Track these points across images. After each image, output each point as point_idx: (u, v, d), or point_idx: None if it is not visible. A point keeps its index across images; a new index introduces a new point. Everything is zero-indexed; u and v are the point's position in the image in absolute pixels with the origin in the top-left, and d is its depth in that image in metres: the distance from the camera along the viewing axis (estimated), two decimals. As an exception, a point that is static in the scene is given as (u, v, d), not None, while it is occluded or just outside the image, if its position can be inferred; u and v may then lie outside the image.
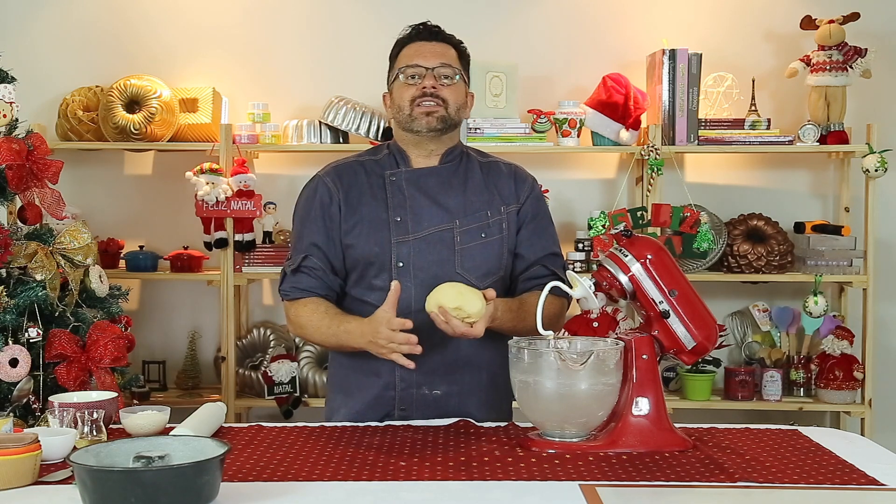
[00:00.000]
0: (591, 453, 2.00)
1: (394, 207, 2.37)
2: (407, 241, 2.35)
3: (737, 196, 3.98)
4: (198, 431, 2.05)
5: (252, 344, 3.89)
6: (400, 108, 2.39)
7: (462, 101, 2.41)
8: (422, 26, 2.46)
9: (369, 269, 2.37)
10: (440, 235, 2.36)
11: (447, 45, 2.43)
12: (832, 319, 3.80)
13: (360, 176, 2.42)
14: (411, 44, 2.43)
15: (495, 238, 2.39)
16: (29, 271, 2.97)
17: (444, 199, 2.39)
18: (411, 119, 2.37)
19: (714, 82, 3.84)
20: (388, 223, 2.36)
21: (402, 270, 2.34)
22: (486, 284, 2.34)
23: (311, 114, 3.87)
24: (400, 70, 2.39)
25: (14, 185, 2.99)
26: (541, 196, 2.51)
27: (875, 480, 1.84)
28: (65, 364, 2.93)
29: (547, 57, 3.96)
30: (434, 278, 2.30)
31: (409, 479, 1.84)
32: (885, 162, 3.65)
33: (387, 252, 2.34)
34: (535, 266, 2.45)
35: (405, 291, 2.31)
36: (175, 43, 3.97)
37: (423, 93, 2.35)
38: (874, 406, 3.75)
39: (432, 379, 2.36)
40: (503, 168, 2.48)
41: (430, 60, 2.38)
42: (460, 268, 2.36)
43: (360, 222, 2.38)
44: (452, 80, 2.39)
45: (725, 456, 2.00)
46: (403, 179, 2.40)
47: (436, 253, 2.35)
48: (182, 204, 3.88)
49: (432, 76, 2.36)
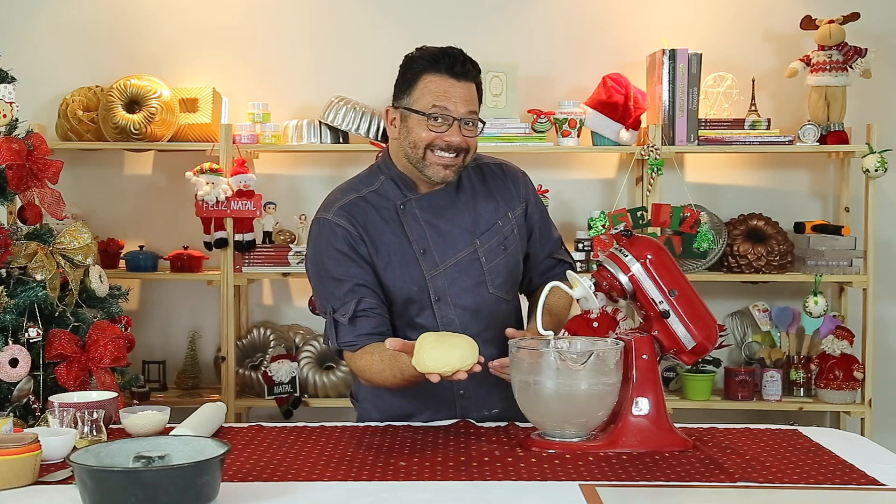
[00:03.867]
0: (591, 453, 2.00)
1: (415, 240, 2.30)
2: (438, 273, 2.31)
3: (737, 196, 3.98)
4: (198, 431, 2.05)
5: (252, 344, 3.89)
6: (414, 144, 2.24)
7: (477, 144, 2.32)
8: (451, 58, 2.23)
9: (409, 308, 2.32)
10: (469, 260, 2.33)
11: (472, 84, 2.26)
12: (832, 319, 3.80)
13: (370, 213, 2.30)
14: (437, 75, 2.23)
15: (513, 248, 2.40)
16: (29, 271, 2.97)
17: (459, 219, 2.34)
18: (424, 164, 2.25)
19: (714, 82, 3.84)
20: (416, 257, 2.30)
21: (441, 304, 2.31)
22: (514, 293, 2.42)
23: (311, 114, 3.87)
24: (425, 110, 2.22)
25: (14, 185, 2.99)
26: (533, 186, 2.50)
27: (875, 480, 1.84)
28: (65, 364, 2.93)
29: (547, 57, 3.96)
30: (472, 303, 2.32)
31: (409, 479, 1.84)
32: (885, 162, 3.65)
33: (424, 289, 2.30)
34: (547, 259, 2.49)
35: (450, 323, 2.29)
36: (175, 43, 3.97)
37: (447, 145, 2.23)
38: (874, 406, 3.75)
39: (489, 400, 2.36)
40: (494, 169, 2.44)
41: (460, 107, 2.22)
42: (492, 286, 2.35)
43: (390, 260, 2.29)
44: (475, 130, 2.26)
45: (725, 456, 2.00)
46: (416, 208, 2.33)
47: (468, 278, 2.33)
48: (182, 204, 3.88)
49: (458, 127, 2.23)
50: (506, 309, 2.41)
